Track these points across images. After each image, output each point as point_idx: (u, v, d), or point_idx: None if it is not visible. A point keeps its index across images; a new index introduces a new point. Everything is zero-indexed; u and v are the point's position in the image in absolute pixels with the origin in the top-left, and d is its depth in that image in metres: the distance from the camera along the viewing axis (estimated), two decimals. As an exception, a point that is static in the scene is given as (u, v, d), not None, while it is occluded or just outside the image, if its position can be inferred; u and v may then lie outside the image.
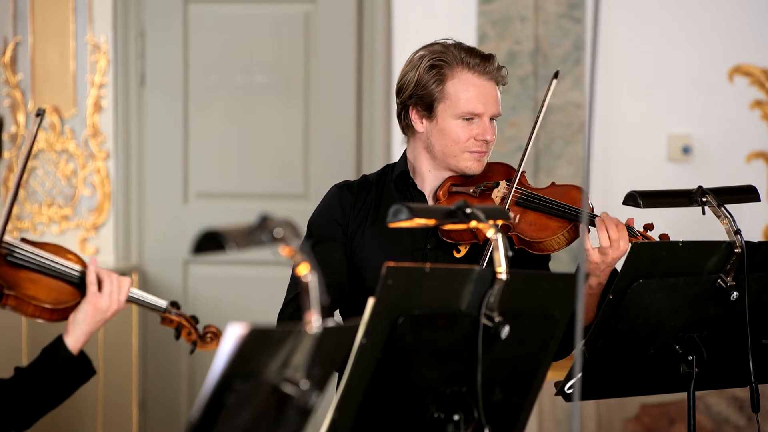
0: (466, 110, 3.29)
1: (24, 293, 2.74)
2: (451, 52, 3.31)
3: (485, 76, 3.31)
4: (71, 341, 2.81)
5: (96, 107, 5.91)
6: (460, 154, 3.32)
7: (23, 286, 2.75)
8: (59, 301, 2.78)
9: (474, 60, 3.30)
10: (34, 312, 2.76)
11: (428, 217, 2.56)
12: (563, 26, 5.69)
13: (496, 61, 3.34)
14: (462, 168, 3.33)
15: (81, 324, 2.82)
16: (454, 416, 2.48)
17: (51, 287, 2.78)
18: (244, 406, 2.11)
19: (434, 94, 3.30)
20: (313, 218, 3.40)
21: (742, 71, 5.73)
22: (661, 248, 3.05)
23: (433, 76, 3.29)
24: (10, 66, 5.92)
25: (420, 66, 3.31)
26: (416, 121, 3.34)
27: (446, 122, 3.30)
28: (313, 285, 2.15)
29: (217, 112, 5.94)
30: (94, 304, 2.81)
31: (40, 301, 2.75)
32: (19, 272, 2.76)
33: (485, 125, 3.32)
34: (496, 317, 2.46)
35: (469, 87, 3.29)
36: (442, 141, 3.31)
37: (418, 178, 3.38)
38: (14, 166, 5.95)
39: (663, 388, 3.22)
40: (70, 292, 2.81)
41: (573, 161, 5.69)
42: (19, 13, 5.92)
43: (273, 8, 5.91)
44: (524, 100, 5.69)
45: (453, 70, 3.30)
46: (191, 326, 2.92)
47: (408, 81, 3.33)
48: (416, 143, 3.37)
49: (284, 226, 2.20)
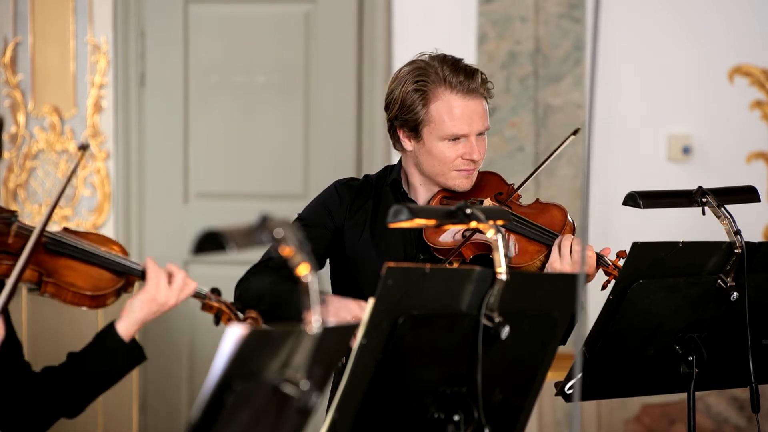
0: (451, 133, 3.29)
1: (63, 280, 2.77)
2: (434, 70, 3.30)
3: (470, 95, 3.31)
4: (123, 327, 2.84)
5: (96, 107, 5.91)
6: (448, 172, 3.32)
7: (62, 273, 2.78)
8: (98, 288, 2.81)
9: (457, 78, 3.29)
10: (73, 299, 2.79)
11: (428, 218, 2.56)
12: (563, 26, 5.69)
13: (480, 76, 3.33)
14: (451, 186, 3.34)
15: (136, 312, 2.84)
16: (454, 416, 2.48)
17: (90, 274, 2.81)
18: (244, 407, 2.11)
19: (419, 117, 3.30)
20: (305, 209, 3.41)
21: (742, 71, 5.73)
22: (661, 249, 3.05)
23: (417, 99, 3.29)
24: (10, 66, 5.92)
25: (404, 85, 3.31)
26: (404, 140, 3.35)
27: (432, 144, 3.30)
28: (313, 285, 2.15)
29: (218, 113, 5.94)
30: (154, 295, 2.84)
31: (79, 288, 2.78)
32: (59, 260, 2.79)
33: (472, 144, 3.31)
34: (496, 318, 2.46)
35: (453, 109, 3.29)
36: (429, 161, 3.32)
37: (411, 189, 3.40)
38: (14, 166, 5.95)
39: (663, 389, 3.22)
40: (110, 278, 2.83)
41: (573, 161, 5.69)
42: (19, 13, 5.92)
43: (273, 8, 5.91)
44: (524, 101, 5.69)
45: (436, 91, 3.29)
46: (231, 312, 2.93)
47: (394, 99, 3.34)
48: (407, 158, 3.39)
49: (284, 227, 2.20)
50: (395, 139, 3.38)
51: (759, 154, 5.74)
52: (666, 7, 5.73)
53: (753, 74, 5.73)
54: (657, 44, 5.74)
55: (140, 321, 2.86)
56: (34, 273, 2.76)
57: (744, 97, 5.73)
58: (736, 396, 5.57)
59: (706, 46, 5.72)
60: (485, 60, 5.71)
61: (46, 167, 5.94)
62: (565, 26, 5.69)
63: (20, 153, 5.95)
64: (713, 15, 5.72)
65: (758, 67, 5.73)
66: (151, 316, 2.86)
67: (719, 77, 5.73)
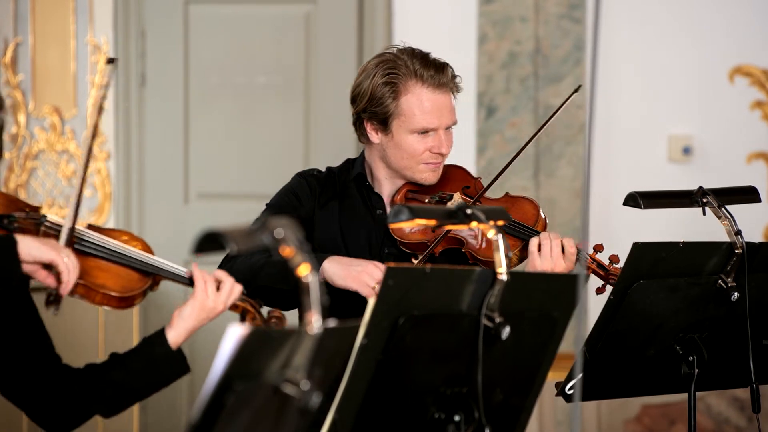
0: (421, 126, 3.29)
1: (93, 282, 2.72)
2: (404, 63, 3.29)
3: (440, 89, 3.30)
4: (173, 335, 2.81)
5: (97, 108, 5.92)
6: (415, 166, 3.33)
7: (92, 274, 2.73)
8: (127, 289, 2.77)
9: (428, 72, 3.28)
10: (102, 300, 2.75)
11: (429, 218, 2.56)
12: (564, 27, 5.69)
13: (449, 71, 3.32)
14: (418, 179, 3.35)
15: (186, 319, 2.81)
16: (454, 417, 2.48)
17: (119, 275, 2.77)
18: (244, 407, 2.11)
19: (388, 110, 3.30)
20: (274, 197, 3.41)
21: (742, 72, 5.73)
22: (662, 249, 3.05)
23: (387, 92, 3.29)
24: (10, 66, 5.92)
25: (374, 78, 3.31)
26: (371, 133, 3.35)
27: (401, 137, 3.30)
28: (313, 285, 2.15)
29: (218, 113, 5.94)
30: (202, 303, 2.81)
31: (109, 289, 2.74)
32: (88, 260, 2.75)
33: (440, 138, 3.31)
34: (497, 318, 2.46)
35: (423, 102, 3.29)
36: (397, 154, 3.32)
37: (376, 182, 3.40)
38: (15, 166, 5.96)
39: (664, 389, 3.22)
40: (138, 279, 2.79)
41: (573, 161, 5.69)
42: (19, 13, 5.92)
43: (274, 9, 5.91)
44: (525, 101, 5.69)
45: (406, 84, 3.28)
46: (255, 311, 2.91)
47: (362, 92, 3.34)
48: (372, 152, 3.39)
49: (285, 227, 2.20)
50: (361, 132, 3.38)
51: (759, 154, 5.74)
52: (666, 7, 5.73)
53: (753, 74, 5.73)
54: (657, 44, 5.74)
55: (190, 329, 2.83)
56: None
57: (744, 98, 5.73)
58: (737, 396, 5.57)
59: (707, 46, 5.72)
60: (485, 60, 5.71)
61: (46, 167, 5.94)
62: (566, 26, 5.69)
63: (21, 153, 5.95)
64: (714, 15, 5.72)
65: (759, 68, 5.73)
66: (200, 324, 2.84)
67: (720, 77, 5.73)
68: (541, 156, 5.69)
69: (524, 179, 5.68)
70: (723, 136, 5.74)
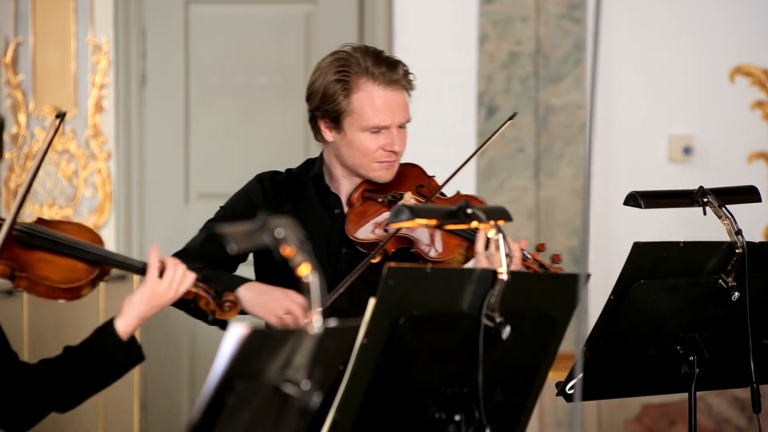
0: (373, 124, 3.28)
1: (36, 274, 2.71)
2: (357, 61, 3.28)
3: (391, 87, 3.29)
4: (122, 324, 2.77)
5: (97, 108, 5.91)
6: (369, 164, 3.32)
7: (35, 267, 2.72)
8: (71, 279, 2.74)
9: (379, 69, 3.28)
10: (47, 292, 2.73)
11: (430, 218, 2.56)
12: (564, 27, 5.69)
13: (402, 68, 3.32)
14: (372, 177, 3.34)
15: (136, 307, 2.78)
16: (455, 417, 2.48)
17: (63, 266, 2.74)
18: (245, 407, 2.11)
19: (340, 108, 3.29)
20: (228, 200, 3.42)
21: (743, 72, 5.73)
22: (662, 249, 3.05)
23: (338, 90, 3.28)
24: (11, 66, 5.92)
25: (326, 76, 3.30)
26: (325, 131, 3.34)
27: (354, 135, 3.30)
28: (314, 285, 2.15)
29: (218, 113, 5.94)
30: (153, 289, 2.78)
31: (52, 281, 2.72)
32: (32, 253, 2.73)
33: (393, 136, 3.30)
34: (497, 318, 2.46)
35: (374, 100, 3.28)
36: (351, 153, 3.31)
37: (333, 181, 3.39)
38: (15, 166, 5.95)
39: (664, 389, 3.22)
40: (84, 269, 2.76)
41: (574, 161, 5.69)
42: (20, 13, 5.92)
43: (274, 9, 5.91)
44: (525, 101, 5.69)
45: (358, 82, 3.27)
46: (209, 296, 2.88)
47: (315, 90, 3.33)
48: (328, 150, 3.38)
49: (285, 227, 2.20)
50: (316, 130, 3.37)
51: (760, 154, 5.74)
52: (667, 7, 5.73)
53: (754, 74, 5.73)
54: (658, 44, 5.74)
55: (141, 316, 2.79)
56: (7, 268, 2.70)
57: (745, 98, 5.73)
58: (737, 396, 5.57)
59: (707, 46, 5.72)
60: (486, 60, 5.71)
61: (47, 167, 5.94)
62: (566, 26, 5.69)
63: (21, 153, 5.95)
64: (714, 15, 5.72)
65: (759, 68, 5.73)
66: (151, 311, 2.80)
67: (720, 77, 5.73)
68: (542, 156, 5.69)
69: (525, 179, 5.68)
70: (723, 136, 5.74)
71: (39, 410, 2.77)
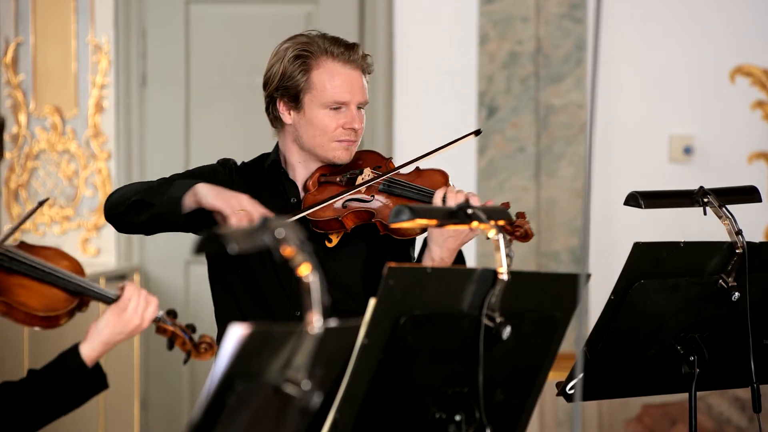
0: (332, 99, 3.30)
1: (14, 299, 2.66)
2: (315, 42, 3.32)
3: (350, 65, 3.32)
4: (87, 349, 2.72)
5: (97, 107, 5.92)
6: (328, 143, 3.32)
7: (14, 292, 2.67)
8: (51, 308, 2.70)
9: (338, 49, 3.32)
10: (25, 319, 2.67)
11: (430, 218, 2.56)
12: (564, 27, 5.69)
13: (360, 50, 3.35)
14: (331, 158, 3.34)
15: (101, 332, 2.73)
16: (455, 417, 2.48)
17: (43, 294, 2.70)
18: (245, 407, 2.11)
19: (300, 85, 3.31)
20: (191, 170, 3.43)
21: (743, 72, 5.73)
22: (663, 249, 3.05)
23: (298, 67, 3.31)
24: (11, 66, 5.92)
25: (285, 57, 3.33)
26: (284, 113, 3.36)
27: (313, 112, 3.31)
28: (314, 285, 2.15)
29: (219, 113, 5.94)
30: (118, 315, 2.73)
31: (30, 308, 2.67)
32: (11, 278, 2.68)
33: (353, 113, 3.32)
34: (498, 318, 2.46)
35: (334, 76, 3.30)
36: (310, 131, 3.32)
37: (290, 169, 3.39)
38: (15, 166, 5.95)
39: (664, 389, 3.22)
40: (64, 298, 2.72)
41: (574, 161, 5.69)
42: (20, 13, 5.92)
43: (274, 9, 5.91)
44: (525, 101, 5.69)
45: (318, 59, 3.31)
46: (185, 336, 2.86)
47: (274, 73, 3.35)
48: (286, 136, 3.39)
49: (286, 227, 2.20)
50: (274, 115, 3.38)
51: (760, 154, 5.74)
52: (667, 7, 5.73)
53: (754, 74, 5.73)
54: (658, 44, 5.74)
55: (105, 343, 2.72)
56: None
57: (745, 98, 5.73)
58: (738, 396, 5.57)
59: (708, 46, 5.72)
60: (486, 60, 5.71)
61: (47, 167, 5.94)
62: (567, 26, 5.69)
63: (21, 153, 5.95)
64: (714, 15, 5.72)
65: (759, 68, 5.73)
66: (116, 339, 2.73)
67: (720, 77, 5.73)
68: (542, 156, 5.69)
69: (525, 179, 5.68)
70: (724, 136, 5.74)
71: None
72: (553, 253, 5.68)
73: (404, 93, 5.79)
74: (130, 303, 2.74)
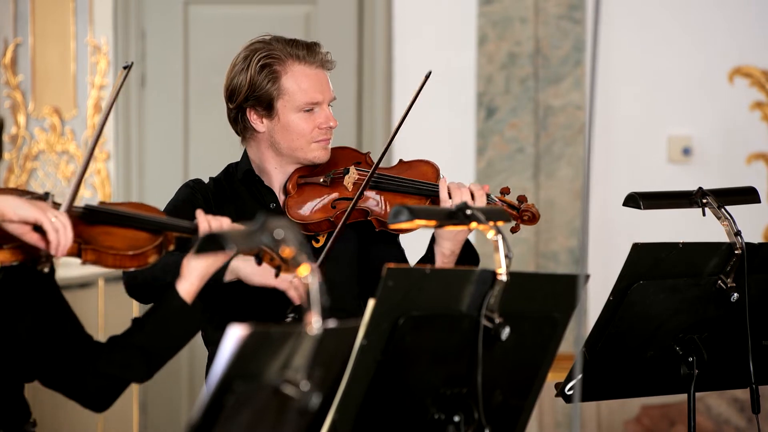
0: (306, 101, 3.31)
1: (101, 245, 2.78)
2: (276, 48, 3.33)
3: (315, 65, 3.33)
4: (185, 287, 2.80)
5: (96, 108, 5.92)
6: (307, 145, 3.33)
7: (100, 239, 2.79)
8: (137, 246, 2.80)
9: (301, 51, 3.33)
10: (115, 261, 2.78)
11: (429, 219, 2.56)
12: (563, 27, 5.69)
13: (320, 47, 3.37)
14: (311, 158, 3.35)
15: (196, 268, 2.80)
16: (454, 417, 2.48)
17: (126, 236, 2.81)
18: (244, 408, 2.11)
19: (272, 93, 3.32)
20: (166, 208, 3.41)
21: (742, 72, 5.74)
22: (662, 250, 3.05)
23: (266, 76, 3.32)
24: (10, 67, 5.93)
25: (250, 67, 3.34)
26: (256, 122, 3.36)
27: (288, 117, 3.32)
28: (313, 285, 2.15)
29: (218, 113, 5.92)
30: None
31: (118, 249, 2.78)
32: (95, 228, 2.80)
33: (326, 112, 3.34)
34: (497, 318, 2.46)
35: (303, 78, 3.31)
36: (287, 136, 3.33)
37: (265, 176, 3.39)
38: (14, 167, 5.96)
39: (663, 390, 3.22)
40: (147, 237, 2.83)
41: (573, 162, 5.69)
42: (19, 14, 5.92)
43: (273, 9, 5.91)
44: (525, 102, 5.70)
45: (284, 65, 3.32)
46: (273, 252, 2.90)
47: (240, 84, 3.36)
48: (258, 143, 3.39)
49: (285, 228, 2.20)
50: (243, 125, 3.39)
51: (759, 155, 5.75)
52: (666, 8, 5.74)
53: (753, 75, 5.73)
54: (657, 45, 5.74)
55: (202, 275, 2.81)
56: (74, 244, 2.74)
57: (744, 98, 5.73)
58: (737, 397, 5.57)
59: (707, 47, 5.72)
60: (485, 61, 5.71)
61: (46, 168, 5.95)
62: (565, 27, 5.69)
63: (20, 154, 5.96)
64: (713, 16, 5.72)
65: (758, 68, 5.73)
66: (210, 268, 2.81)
67: (719, 78, 5.73)
68: (541, 157, 5.69)
69: (524, 180, 5.68)
70: (723, 136, 5.74)
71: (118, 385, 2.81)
72: (552, 253, 5.68)
73: (403, 93, 5.79)
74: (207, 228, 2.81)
